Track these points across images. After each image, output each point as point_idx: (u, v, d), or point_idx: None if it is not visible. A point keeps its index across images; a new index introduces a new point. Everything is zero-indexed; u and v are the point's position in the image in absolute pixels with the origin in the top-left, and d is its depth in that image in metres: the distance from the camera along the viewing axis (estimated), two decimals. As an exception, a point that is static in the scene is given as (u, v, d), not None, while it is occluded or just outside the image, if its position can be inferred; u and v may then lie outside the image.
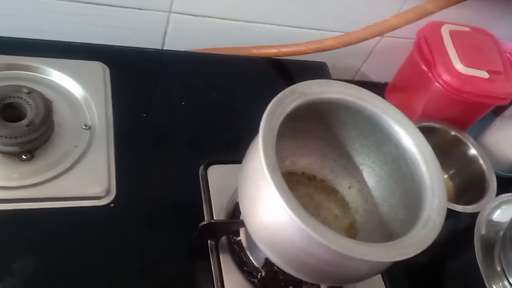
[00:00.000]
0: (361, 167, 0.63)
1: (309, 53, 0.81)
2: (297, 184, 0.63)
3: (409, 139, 0.55)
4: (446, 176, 0.89)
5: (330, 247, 0.43)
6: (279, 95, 0.51)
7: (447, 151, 0.88)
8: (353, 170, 0.63)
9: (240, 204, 0.53)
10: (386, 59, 0.98)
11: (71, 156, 0.61)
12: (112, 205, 0.60)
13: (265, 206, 0.48)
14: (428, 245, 0.46)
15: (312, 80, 0.54)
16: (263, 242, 0.50)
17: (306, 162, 0.64)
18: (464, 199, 0.83)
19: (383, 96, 0.99)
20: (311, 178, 0.64)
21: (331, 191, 0.64)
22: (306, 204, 0.62)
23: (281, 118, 0.50)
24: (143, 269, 0.57)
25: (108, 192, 0.60)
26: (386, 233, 0.58)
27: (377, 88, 0.99)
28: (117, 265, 0.56)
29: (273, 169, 0.45)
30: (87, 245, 0.56)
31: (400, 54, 0.93)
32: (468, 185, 0.86)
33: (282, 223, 0.46)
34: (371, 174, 0.62)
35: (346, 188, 0.64)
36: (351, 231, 0.62)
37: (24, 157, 0.59)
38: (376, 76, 1.04)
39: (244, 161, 0.53)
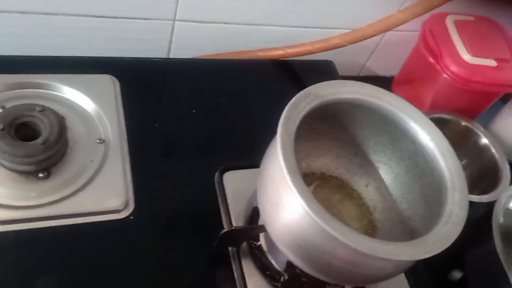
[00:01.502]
0: (377, 164, 0.62)
1: (315, 52, 0.80)
2: (315, 185, 0.63)
3: (425, 134, 0.55)
4: (461, 167, 0.89)
5: (356, 249, 0.43)
6: (294, 99, 0.51)
7: (458, 142, 0.87)
8: (369, 168, 0.63)
9: (260, 209, 0.53)
10: (391, 53, 0.98)
11: (87, 171, 0.61)
12: (131, 217, 0.60)
13: (287, 210, 0.48)
14: (453, 241, 0.46)
15: (325, 82, 0.54)
16: (286, 247, 0.50)
17: (322, 162, 0.64)
18: (478, 189, 0.83)
19: (389, 90, 0.99)
20: (327, 179, 0.64)
21: (348, 190, 0.64)
22: (324, 205, 0.62)
23: (297, 122, 0.50)
24: (166, 280, 0.57)
25: (126, 205, 0.60)
26: (407, 230, 0.58)
27: (384, 82, 0.99)
28: (140, 277, 0.56)
29: (294, 173, 0.45)
30: (109, 260, 0.56)
31: (405, 48, 0.93)
32: (481, 174, 0.86)
33: (305, 227, 0.46)
34: (388, 171, 0.62)
35: (363, 186, 0.64)
36: (371, 230, 0.62)
37: (41, 175, 0.59)
38: (382, 71, 1.04)
39: (262, 166, 0.53)
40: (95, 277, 0.55)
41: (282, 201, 0.48)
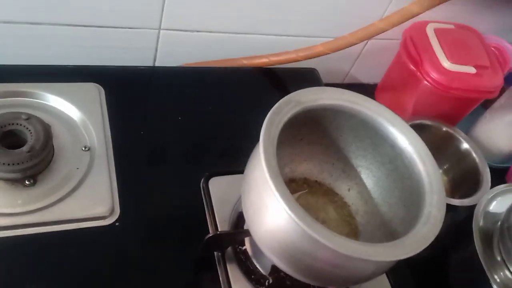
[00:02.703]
0: (358, 169, 0.64)
1: (299, 60, 0.82)
2: (298, 190, 0.64)
3: (404, 139, 0.56)
4: (440, 171, 0.90)
5: (337, 250, 0.44)
6: (277, 105, 0.52)
7: (439, 147, 0.88)
8: (351, 172, 0.64)
9: (244, 213, 0.54)
10: (374, 60, 1.00)
11: (73, 179, 0.62)
12: (117, 224, 0.60)
13: (270, 214, 0.49)
14: (431, 242, 0.48)
15: (307, 89, 0.55)
16: (269, 250, 0.51)
17: (305, 168, 0.65)
18: (460, 193, 0.85)
19: (373, 98, 1.01)
20: (310, 183, 0.66)
21: (331, 195, 0.65)
22: (307, 209, 0.63)
23: (279, 127, 0.51)
24: (152, 286, 0.58)
25: (112, 212, 0.61)
26: (387, 232, 0.59)
27: (367, 89, 1.02)
28: (125, 283, 0.57)
29: (276, 178, 0.46)
30: (95, 266, 0.57)
31: (387, 55, 0.95)
32: (462, 179, 0.87)
33: (288, 230, 0.47)
34: (369, 175, 0.63)
35: (345, 190, 0.65)
36: (353, 233, 0.63)
37: (27, 182, 0.59)
38: (366, 78, 1.06)
39: (246, 172, 0.54)
40: (81, 284, 0.55)
41: (265, 205, 0.49)
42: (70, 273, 0.55)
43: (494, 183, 0.79)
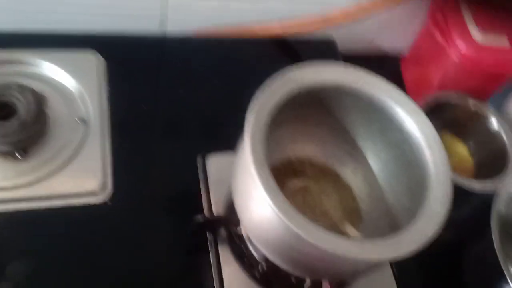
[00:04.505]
0: (366, 152, 0.59)
1: (313, 30, 0.76)
2: (301, 172, 0.61)
3: (412, 122, 0.51)
4: (466, 150, 0.85)
5: (318, 246, 0.41)
6: (269, 84, 0.48)
7: (466, 125, 0.83)
8: (357, 155, 0.60)
9: (233, 199, 0.51)
10: (400, 28, 0.92)
11: (66, 152, 0.60)
12: (108, 200, 0.59)
13: (255, 204, 0.46)
14: (428, 241, 0.44)
15: (307, 64, 0.51)
16: (256, 239, 0.49)
17: (309, 148, 0.61)
18: (486, 177, 0.79)
19: (398, 70, 0.94)
20: (314, 164, 0.62)
21: (335, 178, 0.61)
22: (307, 191, 0.59)
23: (271, 109, 0.47)
24: (142, 264, 0.57)
25: (104, 188, 0.59)
26: (392, 222, 0.55)
27: (391, 61, 0.95)
28: (115, 260, 0.56)
29: (261, 166, 0.43)
30: (84, 243, 0.56)
31: (415, 23, 0.88)
32: (490, 161, 0.81)
33: (271, 222, 0.44)
34: (376, 160, 0.59)
35: (350, 174, 0.61)
36: (355, 219, 0.59)
37: (18, 155, 0.58)
38: (390, 47, 0.99)
39: (236, 156, 0.50)
40: (68, 260, 0.55)
41: (250, 194, 0.46)
42: (57, 250, 0.55)
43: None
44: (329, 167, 0.62)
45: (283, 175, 0.60)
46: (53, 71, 0.65)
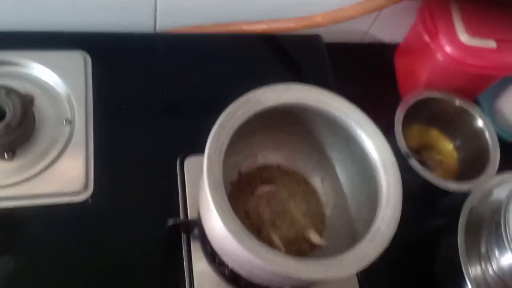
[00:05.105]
0: (333, 162, 0.62)
1: (298, 29, 0.77)
2: (269, 177, 0.64)
3: (371, 143, 0.54)
4: (451, 146, 0.86)
5: (266, 268, 0.44)
6: (230, 108, 0.50)
7: (453, 123, 0.84)
8: (326, 164, 0.63)
9: (199, 208, 0.55)
10: (397, 20, 0.92)
11: (52, 152, 0.64)
12: (89, 200, 0.62)
13: (213, 218, 0.49)
14: (371, 262, 0.47)
15: (268, 86, 0.53)
16: (217, 249, 0.52)
17: (279, 156, 0.64)
18: (469, 175, 0.80)
19: (392, 59, 0.93)
20: (283, 171, 0.64)
21: (303, 184, 0.64)
22: (275, 197, 0.62)
23: (231, 132, 0.50)
24: (119, 260, 0.61)
25: (86, 188, 0.63)
26: (351, 231, 0.58)
27: (388, 49, 0.95)
28: (93, 256, 0.60)
29: (215, 190, 0.46)
30: (63, 242, 0.60)
31: (411, 15, 0.87)
32: (473, 159, 0.83)
33: (227, 239, 0.47)
34: (343, 169, 0.61)
35: (319, 181, 0.64)
36: (320, 226, 0.62)
37: (6, 156, 0.62)
38: (387, 37, 0.98)
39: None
40: (49, 258, 0.59)
41: (209, 207, 0.49)
42: (37, 248, 0.59)
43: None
44: (298, 174, 0.64)
45: (254, 180, 0.63)
46: (41, 72, 0.68)
